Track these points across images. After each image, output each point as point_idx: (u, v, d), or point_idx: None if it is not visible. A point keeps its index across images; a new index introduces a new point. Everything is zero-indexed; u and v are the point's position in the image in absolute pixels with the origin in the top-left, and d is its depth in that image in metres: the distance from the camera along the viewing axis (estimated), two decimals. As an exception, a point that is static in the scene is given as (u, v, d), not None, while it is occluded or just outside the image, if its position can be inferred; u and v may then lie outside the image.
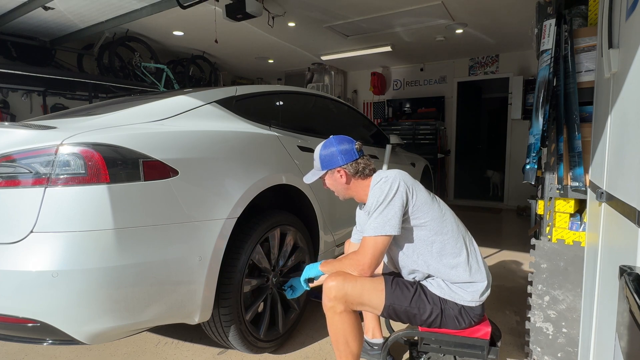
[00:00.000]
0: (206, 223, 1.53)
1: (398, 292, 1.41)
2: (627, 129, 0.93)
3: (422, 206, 1.38)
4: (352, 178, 1.51)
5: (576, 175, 1.62)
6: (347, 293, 1.37)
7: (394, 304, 1.40)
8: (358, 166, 1.50)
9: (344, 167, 1.50)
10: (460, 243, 1.41)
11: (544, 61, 1.74)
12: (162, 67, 5.55)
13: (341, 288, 1.37)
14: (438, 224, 1.40)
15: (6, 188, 1.30)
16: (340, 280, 1.38)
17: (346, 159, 1.49)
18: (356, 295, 1.38)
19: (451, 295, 1.40)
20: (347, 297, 1.37)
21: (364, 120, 3.39)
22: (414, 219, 1.39)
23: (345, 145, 1.51)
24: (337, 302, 1.38)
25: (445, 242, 1.40)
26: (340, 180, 1.52)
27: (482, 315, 1.44)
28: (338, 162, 1.49)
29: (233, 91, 2.04)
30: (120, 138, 1.37)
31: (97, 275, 1.26)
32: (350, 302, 1.38)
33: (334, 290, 1.37)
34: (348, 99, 7.67)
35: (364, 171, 1.50)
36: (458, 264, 1.40)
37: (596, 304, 1.26)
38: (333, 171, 1.52)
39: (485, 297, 1.42)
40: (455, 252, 1.40)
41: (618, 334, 0.71)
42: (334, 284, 1.38)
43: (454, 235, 1.41)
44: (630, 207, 0.81)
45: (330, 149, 1.51)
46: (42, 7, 3.82)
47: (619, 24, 1.10)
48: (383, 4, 4.16)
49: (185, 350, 1.96)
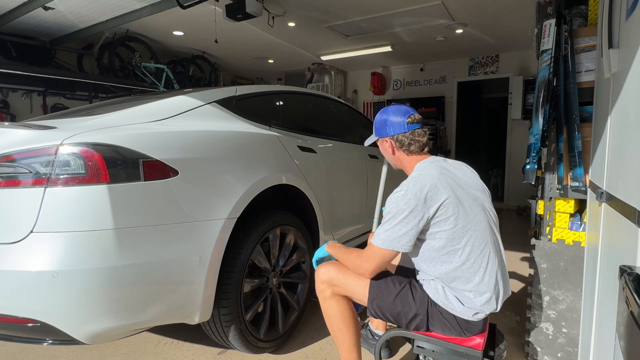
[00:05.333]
0: (206, 223, 1.53)
1: (383, 287, 1.37)
2: (627, 129, 0.93)
3: (441, 223, 1.26)
4: (397, 150, 1.48)
5: (576, 175, 1.62)
6: (333, 278, 1.42)
7: (377, 299, 1.37)
8: (405, 139, 1.44)
9: (390, 138, 1.47)
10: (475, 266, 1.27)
11: (544, 61, 1.74)
12: (162, 67, 5.55)
13: (329, 273, 1.43)
14: (455, 237, 1.26)
15: (6, 188, 1.30)
16: (331, 267, 1.44)
17: (393, 131, 1.45)
18: (342, 283, 1.41)
19: (444, 302, 1.31)
20: (334, 282, 1.42)
21: (364, 120, 3.39)
22: (429, 233, 1.29)
23: (397, 117, 1.45)
24: (325, 287, 1.44)
25: (460, 261, 1.27)
26: (388, 150, 1.50)
27: (479, 329, 1.33)
28: (386, 131, 1.47)
29: (233, 91, 2.04)
30: (120, 138, 1.37)
31: (97, 275, 1.26)
32: (338, 288, 1.43)
33: (322, 275, 1.45)
34: (348, 99, 7.66)
35: (410, 147, 1.44)
36: (468, 282, 1.28)
37: (596, 304, 1.26)
38: (382, 139, 1.51)
39: (480, 317, 1.30)
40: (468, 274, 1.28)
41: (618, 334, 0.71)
42: (324, 270, 1.45)
43: (473, 256, 1.27)
44: (630, 207, 0.81)
45: (382, 116, 1.49)
46: (42, 7, 3.82)
47: (619, 24, 1.10)
48: (383, 4, 4.16)
49: (185, 350, 1.96)
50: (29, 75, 3.94)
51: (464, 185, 1.35)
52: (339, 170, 2.54)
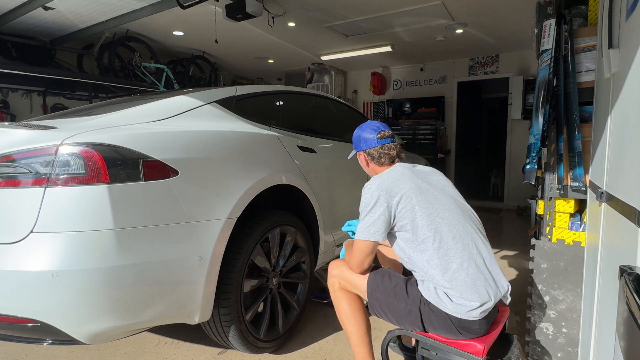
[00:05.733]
0: (206, 223, 1.53)
1: (379, 281, 1.43)
2: (627, 129, 0.93)
3: (407, 213, 1.33)
4: (371, 162, 1.60)
5: (576, 175, 1.62)
6: (341, 272, 1.50)
7: (375, 292, 1.42)
8: (375, 153, 1.57)
9: (364, 152, 1.60)
10: (452, 252, 1.31)
11: (544, 61, 1.74)
12: (162, 67, 5.55)
13: (339, 268, 1.52)
14: (423, 225, 1.33)
15: (6, 188, 1.30)
16: (340, 262, 1.54)
17: (366, 145, 1.59)
18: (347, 277, 1.49)
19: (435, 299, 1.31)
20: (342, 276, 1.50)
21: (364, 120, 3.38)
22: (398, 227, 1.37)
23: (369, 134, 1.59)
24: (334, 280, 1.52)
25: (434, 248, 1.31)
26: (363, 162, 1.64)
27: (477, 331, 1.31)
28: (360, 146, 1.61)
29: (233, 91, 2.04)
30: (120, 138, 1.37)
31: (97, 275, 1.26)
32: (344, 282, 1.50)
33: (333, 269, 1.54)
34: (348, 99, 7.66)
35: (380, 159, 1.57)
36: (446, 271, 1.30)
37: (596, 304, 1.26)
38: (358, 153, 1.65)
39: (474, 315, 1.27)
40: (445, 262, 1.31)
41: (618, 334, 0.71)
42: (334, 265, 1.54)
43: (447, 243, 1.32)
44: (630, 207, 0.81)
45: (357, 133, 1.63)
46: (42, 7, 3.82)
47: (619, 24, 1.10)
48: (383, 4, 4.16)
49: (185, 350, 1.96)
50: (29, 75, 3.93)
51: (429, 181, 1.45)
52: (339, 170, 2.54)
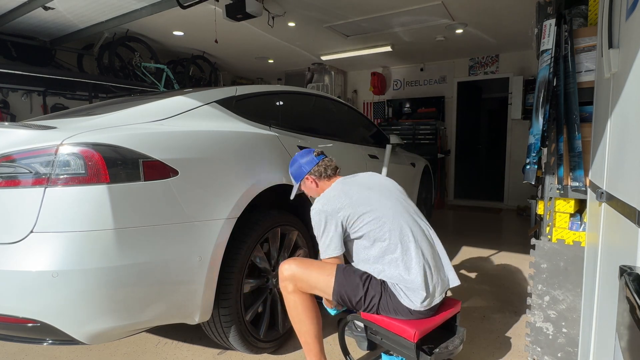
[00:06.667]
0: (206, 223, 1.53)
1: (350, 274, 1.49)
2: (627, 129, 0.93)
3: (357, 223, 1.47)
4: (319, 181, 1.67)
5: (576, 175, 1.62)
6: (295, 274, 1.51)
7: (344, 286, 1.47)
8: (320, 169, 1.66)
9: (310, 175, 1.67)
10: (399, 249, 1.44)
11: (544, 61, 1.74)
12: (162, 67, 5.55)
13: (291, 270, 1.51)
14: (374, 228, 1.46)
15: (6, 188, 1.30)
16: (292, 264, 1.53)
17: (309, 166, 1.67)
18: (305, 277, 1.50)
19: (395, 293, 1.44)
20: (296, 278, 1.51)
21: (363, 120, 3.39)
22: (353, 236, 1.51)
23: (305, 157, 1.69)
24: (287, 282, 1.52)
25: (383, 248, 1.46)
26: (311, 185, 1.69)
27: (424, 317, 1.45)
28: (303, 171, 1.68)
29: (233, 91, 2.04)
30: (120, 138, 1.37)
31: (97, 275, 1.26)
32: (300, 283, 1.51)
33: (285, 271, 1.52)
34: (348, 99, 7.66)
35: (326, 172, 1.66)
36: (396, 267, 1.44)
37: (596, 304, 1.26)
38: (304, 181, 1.70)
39: (424, 307, 1.41)
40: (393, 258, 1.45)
41: (618, 334, 0.71)
42: (286, 267, 1.53)
43: (393, 241, 1.45)
44: (630, 207, 0.81)
45: (295, 164, 1.71)
46: (42, 7, 3.82)
47: (619, 24, 1.10)
48: (383, 4, 4.16)
49: (185, 350, 1.96)
50: (29, 75, 3.93)
51: (371, 185, 1.60)
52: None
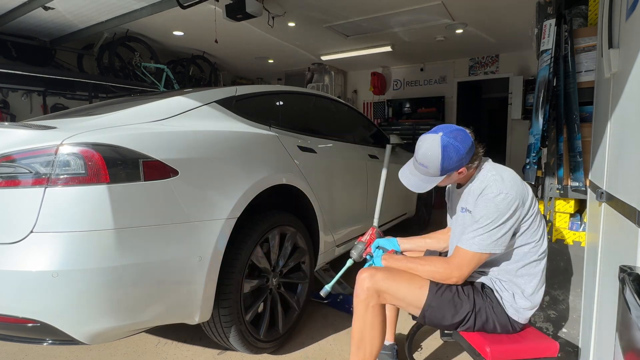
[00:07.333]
0: (206, 223, 1.53)
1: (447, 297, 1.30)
2: (627, 129, 0.93)
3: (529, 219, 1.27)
4: (468, 168, 1.32)
5: (576, 176, 1.62)
6: (382, 285, 1.31)
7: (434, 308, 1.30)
8: (476, 158, 1.31)
9: (466, 166, 1.30)
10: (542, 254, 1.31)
11: (544, 61, 1.74)
12: (162, 67, 5.55)
13: (376, 280, 1.32)
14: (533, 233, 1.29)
15: (6, 188, 1.30)
16: (378, 273, 1.33)
17: (469, 156, 1.28)
18: (393, 290, 1.31)
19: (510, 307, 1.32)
20: (383, 289, 1.31)
21: (363, 120, 3.39)
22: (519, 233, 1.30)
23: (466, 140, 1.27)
24: (371, 293, 1.32)
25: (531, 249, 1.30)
26: (458, 177, 1.34)
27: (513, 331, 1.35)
28: (462, 162, 1.27)
29: (233, 91, 2.04)
30: (120, 138, 1.37)
31: (97, 275, 1.26)
32: (386, 295, 1.32)
33: (368, 281, 1.32)
34: (348, 99, 7.66)
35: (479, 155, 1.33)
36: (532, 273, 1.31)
37: (596, 304, 1.26)
38: (453, 172, 1.29)
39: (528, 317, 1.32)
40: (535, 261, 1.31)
41: (618, 334, 0.71)
42: (368, 275, 1.33)
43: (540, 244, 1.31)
44: (630, 207, 0.81)
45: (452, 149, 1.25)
46: (42, 7, 3.82)
47: (619, 24, 1.10)
48: (383, 4, 4.16)
49: (185, 350, 1.96)
50: (29, 75, 3.93)
51: None
52: (339, 170, 2.54)
